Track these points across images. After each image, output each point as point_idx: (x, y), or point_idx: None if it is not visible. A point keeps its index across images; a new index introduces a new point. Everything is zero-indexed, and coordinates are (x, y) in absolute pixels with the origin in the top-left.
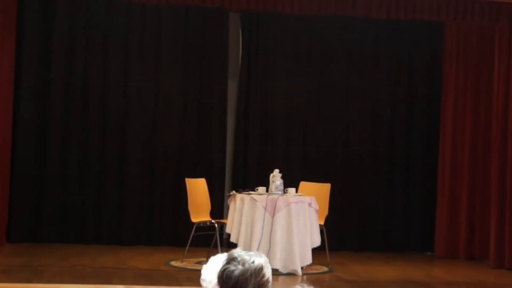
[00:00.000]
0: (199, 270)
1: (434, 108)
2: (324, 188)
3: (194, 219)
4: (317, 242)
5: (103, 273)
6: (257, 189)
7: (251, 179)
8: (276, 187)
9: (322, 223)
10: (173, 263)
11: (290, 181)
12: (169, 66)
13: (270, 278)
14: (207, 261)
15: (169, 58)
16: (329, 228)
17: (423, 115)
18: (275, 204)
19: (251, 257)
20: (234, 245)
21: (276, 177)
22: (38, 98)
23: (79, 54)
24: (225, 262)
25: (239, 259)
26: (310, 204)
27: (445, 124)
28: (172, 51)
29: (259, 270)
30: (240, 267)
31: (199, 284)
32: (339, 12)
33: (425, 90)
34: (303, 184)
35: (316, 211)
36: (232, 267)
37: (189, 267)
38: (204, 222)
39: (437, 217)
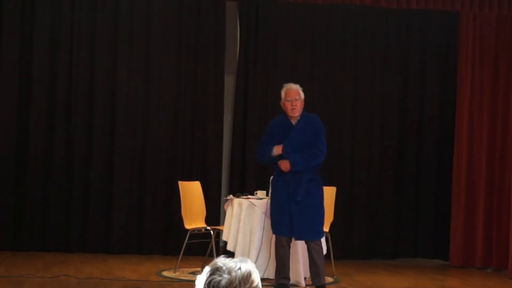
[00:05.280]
0: (193, 281)
1: (449, 107)
2: (329, 192)
3: (188, 225)
4: None
5: (89, 284)
6: (256, 193)
7: (250, 182)
8: None
9: (327, 230)
10: (165, 273)
11: None
12: (160, 60)
13: (260, 285)
14: (201, 271)
15: (160, 51)
16: (334, 236)
17: (436, 115)
18: None
19: (237, 263)
20: (231, 254)
21: None
22: (19, 96)
23: (63, 50)
24: (209, 273)
25: (224, 268)
26: None
27: (460, 124)
28: (164, 43)
29: (247, 277)
30: (226, 276)
31: None
32: (345, 0)
33: (439, 87)
34: None
35: None
36: (217, 277)
37: (183, 277)
38: (199, 229)
39: (452, 223)
